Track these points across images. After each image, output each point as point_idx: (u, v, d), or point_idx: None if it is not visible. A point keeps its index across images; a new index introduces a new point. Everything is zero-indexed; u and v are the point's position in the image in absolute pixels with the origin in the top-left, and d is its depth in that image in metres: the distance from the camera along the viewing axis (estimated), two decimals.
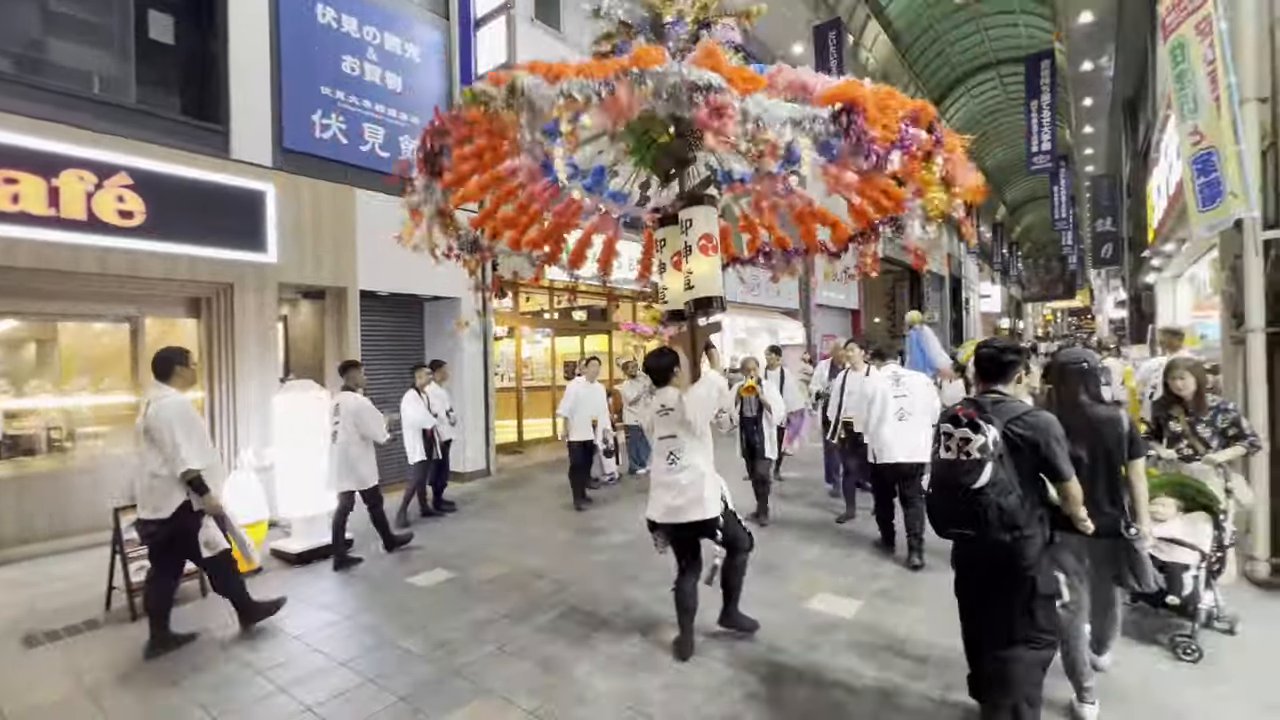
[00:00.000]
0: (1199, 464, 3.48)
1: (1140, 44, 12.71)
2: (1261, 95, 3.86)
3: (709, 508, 3.27)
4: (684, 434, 3.32)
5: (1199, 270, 9.97)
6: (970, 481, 2.24)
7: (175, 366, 3.66)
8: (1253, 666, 3.03)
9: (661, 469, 3.39)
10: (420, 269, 7.59)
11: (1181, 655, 3.05)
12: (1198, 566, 3.09)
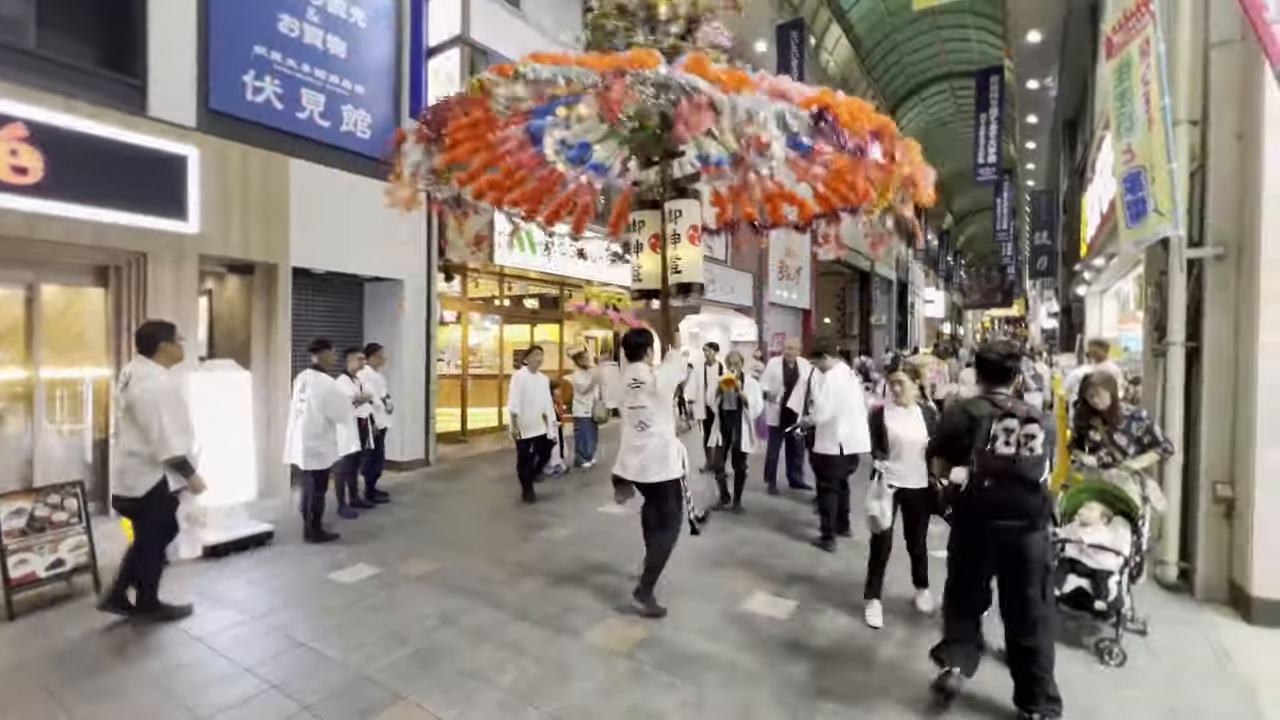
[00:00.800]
0: (1117, 470, 3.63)
1: (1082, 66, 13.29)
2: (1193, 118, 4.01)
3: (672, 469, 3.75)
4: (653, 404, 3.75)
5: (1125, 285, 10.53)
6: (1039, 475, 2.52)
7: (160, 342, 3.56)
8: (1161, 669, 3.15)
9: (631, 435, 3.81)
10: (361, 248, 7.27)
11: (1106, 659, 3.14)
12: (1120, 571, 3.19)
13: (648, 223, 4.11)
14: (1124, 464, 3.62)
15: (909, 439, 3.60)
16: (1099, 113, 10.30)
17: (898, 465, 3.62)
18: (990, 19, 20.09)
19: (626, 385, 3.82)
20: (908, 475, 3.59)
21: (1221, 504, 3.89)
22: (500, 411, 10.60)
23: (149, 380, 3.42)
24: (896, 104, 27.38)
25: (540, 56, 2.94)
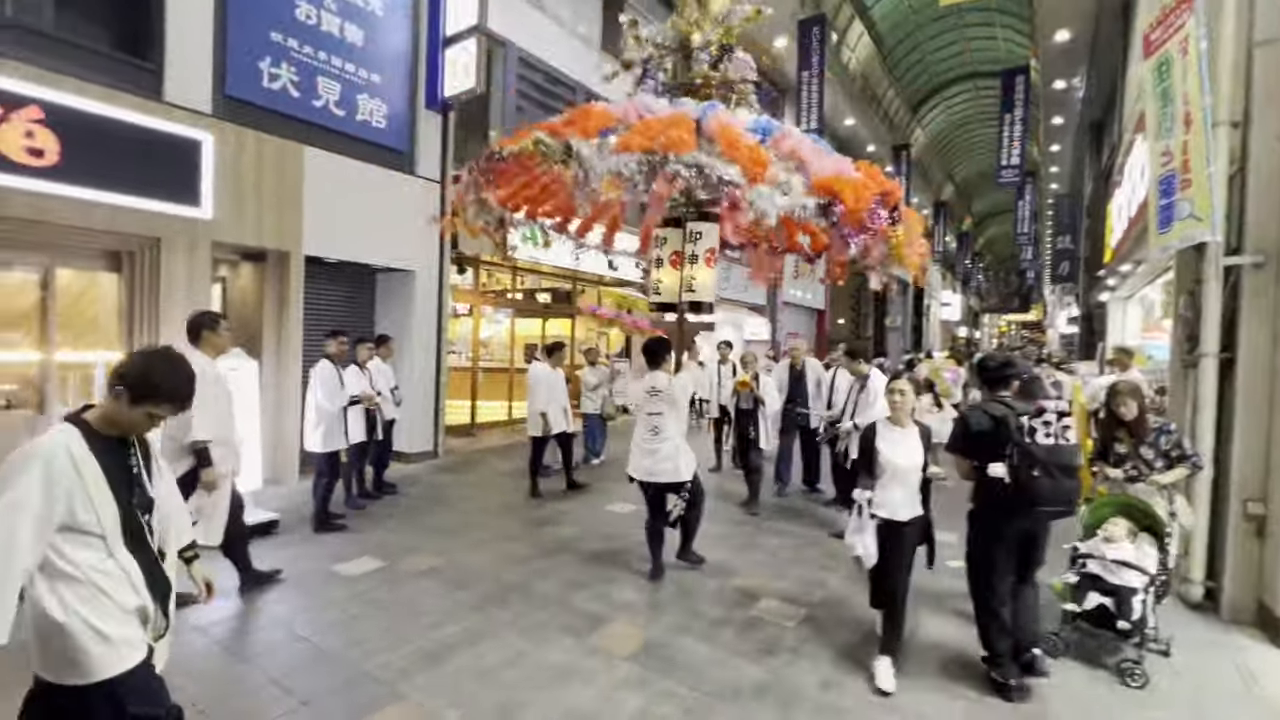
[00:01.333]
0: (1143, 485, 3.49)
1: (1111, 66, 12.96)
2: (1234, 119, 3.84)
3: (682, 472, 4.11)
4: (668, 411, 4.09)
5: (1151, 292, 10.26)
6: (1079, 461, 2.92)
7: (202, 330, 3.61)
8: (1185, 691, 3.02)
9: (645, 438, 4.14)
10: (373, 238, 7.24)
11: (1128, 681, 3.02)
12: (1145, 590, 3.07)
13: (670, 240, 4.42)
14: (1151, 478, 3.46)
15: (903, 464, 2.99)
16: (1128, 115, 10.03)
17: (887, 494, 3.01)
18: (1018, 17, 19.70)
19: (645, 392, 4.17)
20: (898, 507, 3.00)
21: (1252, 522, 3.74)
22: (511, 405, 10.57)
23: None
24: (918, 103, 26.99)
25: (589, 119, 3.37)
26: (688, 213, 4.30)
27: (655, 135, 3.17)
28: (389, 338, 6.51)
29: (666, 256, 4.39)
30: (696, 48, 4.13)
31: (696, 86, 4.11)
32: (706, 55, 4.11)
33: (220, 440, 3.55)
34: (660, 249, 4.44)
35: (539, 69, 10.08)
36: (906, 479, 3.02)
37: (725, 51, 4.12)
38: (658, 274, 4.48)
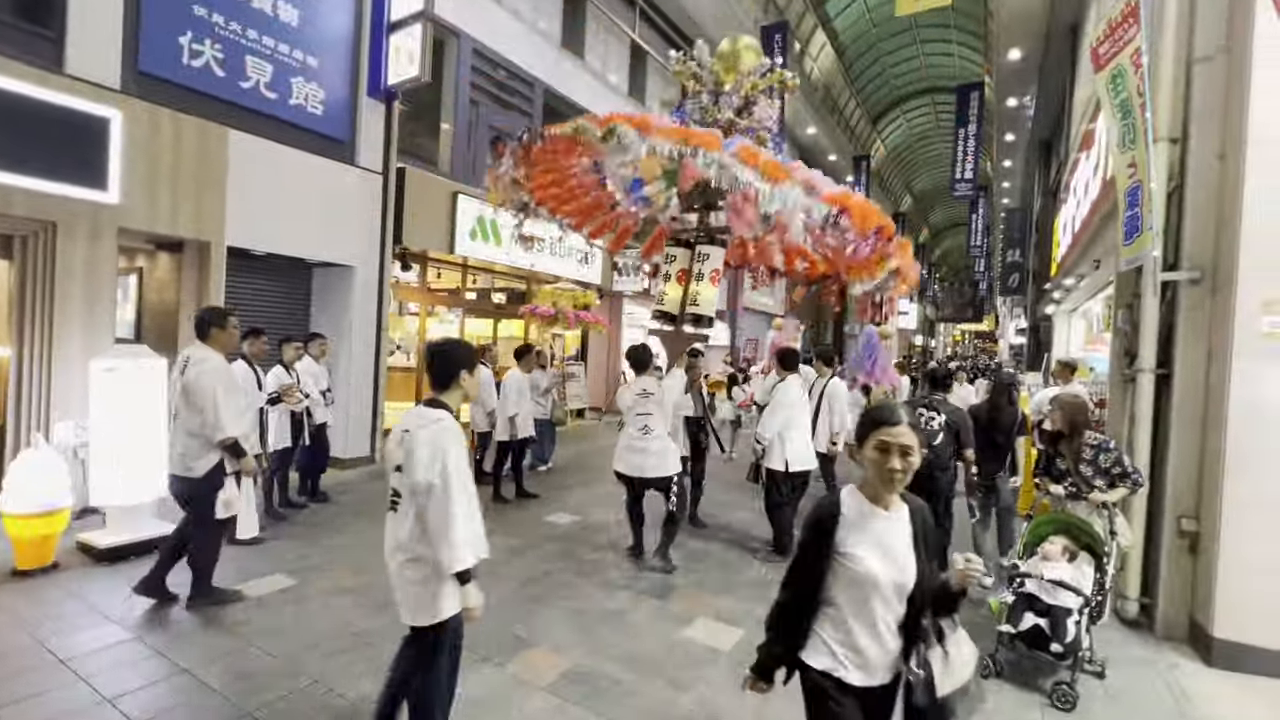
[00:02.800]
0: (1085, 503, 3.45)
1: (1060, 86, 13.36)
2: (1173, 136, 3.86)
3: (669, 467, 4.49)
4: (657, 412, 4.49)
5: (1094, 306, 10.54)
6: (935, 441, 4.27)
7: (210, 328, 3.66)
8: (1118, 713, 2.96)
9: (636, 436, 4.52)
10: (309, 230, 6.83)
11: (1057, 703, 2.94)
12: (1080, 611, 2.99)
13: (678, 258, 4.81)
14: (1093, 496, 3.41)
15: (882, 578, 1.61)
16: (1074, 134, 10.30)
17: (847, 635, 1.66)
18: (973, 35, 20.25)
19: (636, 394, 4.58)
20: (872, 663, 1.65)
21: (1186, 538, 3.74)
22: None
23: (204, 364, 3.53)
24: (878, 116, 27.53)
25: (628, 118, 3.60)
26: (698, 236, 4.79)
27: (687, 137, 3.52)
28: (321, 336, 6.14)
29: (674, 272, 4.81)
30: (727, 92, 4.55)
31: (724, 127, 4.50)
32: (734, 100, 4.52)
33: (243, 434, 3.72)
34: (669, 265, 4.87)
35: (496, 63, 9.77)
36: (887, 601, 1.64)
37: (750, 102, 4.56)
38: (663, 287, 4.90)
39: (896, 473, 1.58)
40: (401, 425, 2.23)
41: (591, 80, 11.90)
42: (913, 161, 35.31)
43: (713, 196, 4.63)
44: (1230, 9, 3.71)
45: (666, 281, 4.85)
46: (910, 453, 1.58)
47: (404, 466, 2.13)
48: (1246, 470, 3.42)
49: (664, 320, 4.88)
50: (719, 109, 4.50)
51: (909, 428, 1.59)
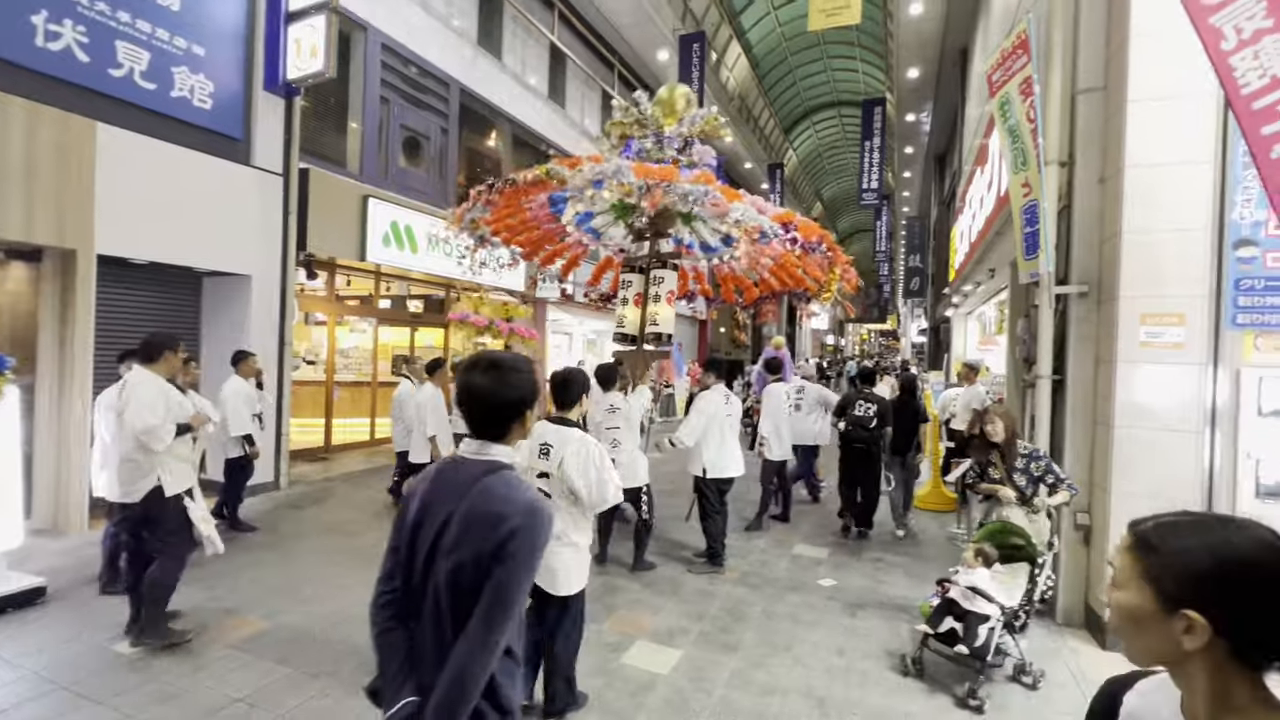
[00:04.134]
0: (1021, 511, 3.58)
1: (952, 104, 14.41)
2: (1062, 159, 4.18)
3: (640, 478, 4.72)
4: (624, 426, 4.72)
5: (987, 310, 11.40)
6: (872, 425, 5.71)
7: (163, 351, 3.55)
8: (1027, 702, 3.14)
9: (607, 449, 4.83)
10: (197, 236, 6.17)
11: (969, 701, 3.08)
12: (997, 619, 3.15)
13: (634, 283, 5.24)
14: (1037, 500, 3.55)
15: None
16: (967, 148, 11.11)
17: None
18: (875, 54, 21.48)
19: (605, 410, 4.81)
20: None
21: (1080, 531, 4.06)
22: (374, 423, 9.63)
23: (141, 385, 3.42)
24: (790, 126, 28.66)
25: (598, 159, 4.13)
26: (652, 262, 5.18)
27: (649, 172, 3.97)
28: (249, 354, 5.76)
29: (631, 297, 5.20)
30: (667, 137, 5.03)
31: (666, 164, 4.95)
32: (676, 141, 5.03)
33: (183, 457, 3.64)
34: (627, 290, 5.27)
35: (408, 60, 9.31)
36: None
37: (688, 144, 5.06)
38: (622, 311, 5.31)
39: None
40: (540, 439, 2.82)
41: (510, 82, 11.61)
42: (822, 170, 37.05)
43: (663, 225, 5.19)
44: (1107, 47, 4.07)
45: (624, 305, 5.30)
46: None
47: (556, 474, 2.72)
48: (1132, 467, 3.74)
49: (625, 342, 5.35)
50: (662, 150, 5.00)
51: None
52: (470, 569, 1.32)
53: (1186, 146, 3.66)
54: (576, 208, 4.88)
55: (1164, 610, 0.82)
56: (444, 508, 1.40)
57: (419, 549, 1.43)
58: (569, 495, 2.71)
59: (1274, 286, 3.49)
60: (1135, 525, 0.89)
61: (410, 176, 9.55)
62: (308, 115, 7.72)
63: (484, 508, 1.35)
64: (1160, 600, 0.82)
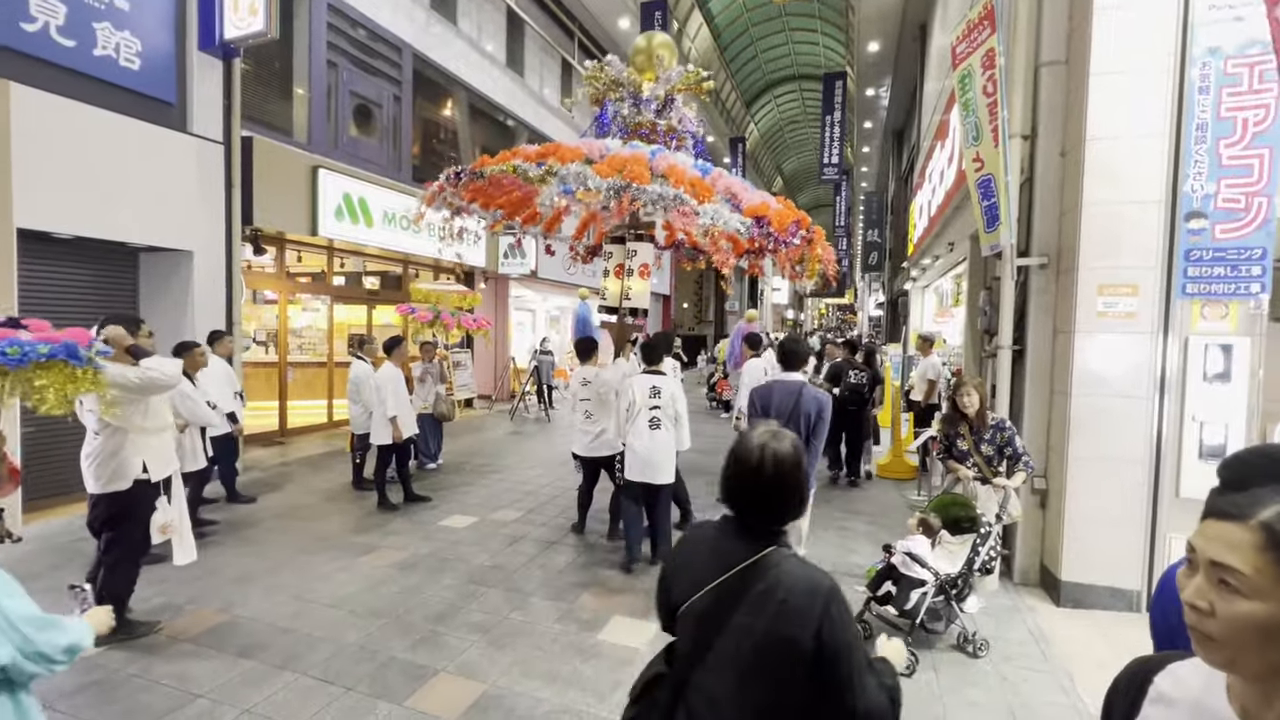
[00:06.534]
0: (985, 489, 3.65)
1: (911, 79, 14.53)
2: (1024, 133, 4.24)
3: (616, 446, 4.73)
4: (595, 399, 4.86)
5: (944, 283, 11.68)
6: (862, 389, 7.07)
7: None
8: (994, 662, 3.27)
9: (580, 421, 4.98)
10: (129, 208, 5.75)
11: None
12: (931, 584, 3.24)
13: (615, 254, 5.23)
14: (997, 481, 3.61)
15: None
16: (926, 125, 11.25)
17: None
18: (836, 27, 21.44)
19: (579, 382, 4.99)
20: None
21: (1037, 495, 4.22)
22: (331, 405, 9.31)
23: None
24: (752, 99, 28.52)
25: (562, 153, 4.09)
26: (629, 233, 5.15)
27: (620, 167, 3.89)
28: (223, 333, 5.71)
29: (612, 268, 5.23)
30: (644, 99, 4.95)
31: (644, 133, 4.94)
32: (654, 104, 4.94)
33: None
34: (608, 261, 5.31)
35: (356, 21, 8.81)
36: None
37: (668, 103, 4.99)
38: (604, 283, 5.36)
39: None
40: (649, 383, 4.34)
41: (466, 48, 11.15)
42: (783, 144, 37.11)
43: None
44: (1070, 20, 4.11)
45: (606, 277, 5.34)
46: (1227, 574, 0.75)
47: (663, 405, 4.29)
48: (1086, 432, 3.89)
49: (607, 313, 5.48)
50: (640, 112, 4.95)
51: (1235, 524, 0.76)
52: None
53: (1144, 120, 3.74)
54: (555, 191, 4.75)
55: None
56: None
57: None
58: (672, 418, 4.31)
59: (1220, 257, 3.63)
60: (1254, 517, 0.72)
61: (362, 146, 9.12)
62: (250, 80, 7.25)
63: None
64: None
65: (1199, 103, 3.57)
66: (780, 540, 1.34)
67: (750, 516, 1.36)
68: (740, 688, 1.25)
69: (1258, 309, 3.64)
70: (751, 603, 1.26)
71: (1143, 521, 3.82)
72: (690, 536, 1.48)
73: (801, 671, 1.21)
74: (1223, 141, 3.54)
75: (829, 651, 1.20)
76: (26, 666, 1.39)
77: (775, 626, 1.23)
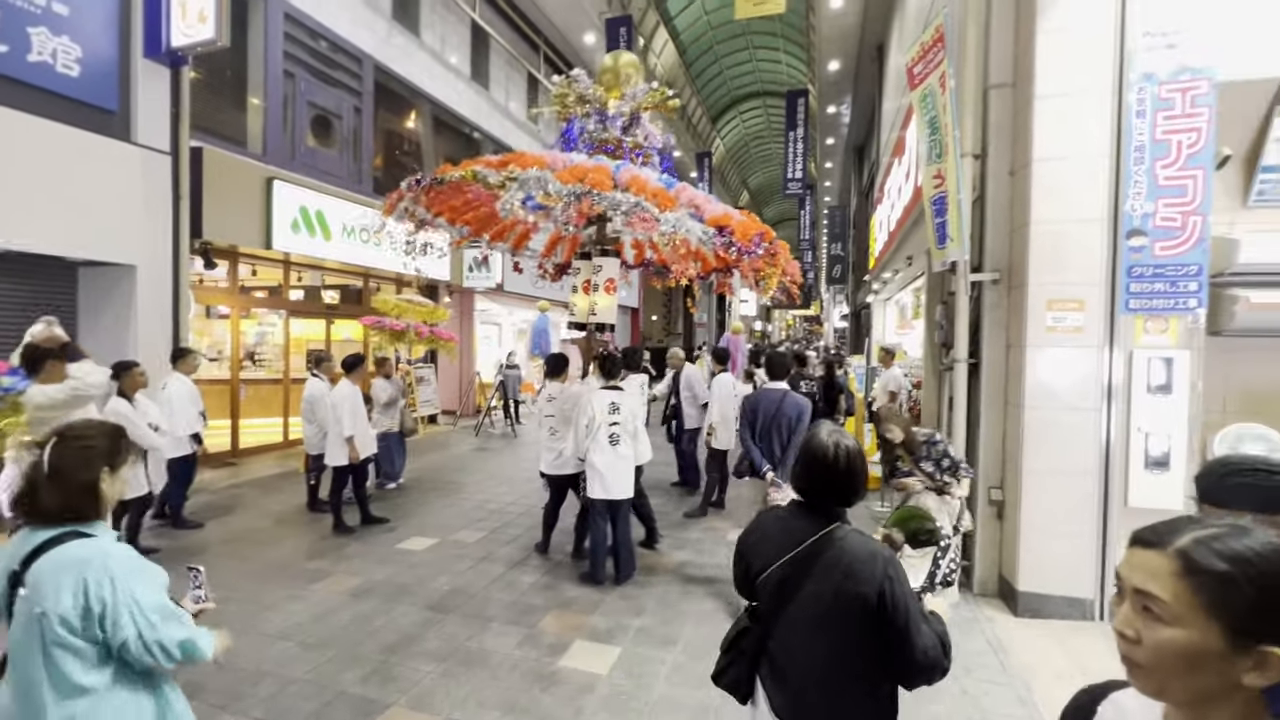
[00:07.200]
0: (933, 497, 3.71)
1: (870, 97, 14.93)
2: (975, 152, 4.36)
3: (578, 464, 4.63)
4: (559, 416, 4.83)
5: (904, 296, 11.95)
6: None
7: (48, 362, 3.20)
8: (955, 675, 3.29)
9: (545, 438, 4.95)
10: (66, 220, 5.45)
11: None
12: None
13: (583, 270, 5.23)
14: (954, 492, 3.67)
15: None
16: (885, 141, 11.55)
17: None
18: (798, 45, 21.95)
19: (545, 399, 5.02)
20: None
21: (994, 506, 4.29)
22: (287, 424, 8.99)
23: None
24: (718, 115, 28.94)
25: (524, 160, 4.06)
26: (596, 249, 5.21)
27: (582, 175, 3.88)
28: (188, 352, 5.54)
29: (580, 284, 5.25)
30: (610, 115, 5.00)
31: (610, 149, 4.97)
32: (619, 120, 5.01)
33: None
34: (575, 277, 5.33)
35: (315, 31, 8.64)
36: None
37: (634, 120, 5.06)
38: (573, 299, 5.34)
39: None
40: (609, 398, 4.36)
41: (429, 60, 11.04)
42: (749, 159, 37.72)
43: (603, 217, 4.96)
44: (1015, 44, 4.25)
45: (574, 293, 5.34)
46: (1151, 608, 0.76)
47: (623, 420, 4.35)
48: (1039, 444, 3.98)
49: (575, 329, 5.51)
50: (606, 129, 4.99)
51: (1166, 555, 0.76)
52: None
53: (1086, 141, 3.88)
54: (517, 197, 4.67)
55: (1233, 647, 0.70)
56: None
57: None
58: (631, 433, 4.35)
59: (1160, 273, 3.77)
60: (1172, 545, 0.74)
61: (321, 158, 8.92)
62: (201, 88, 7.04)
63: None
64: (1230, 637, 0.70)
65: (1136, 126, 3.71)
66: (843, 518, 1.63)
67: (821, 500, 1.64)
68: (814, 637, 1.54)
69: (1195, 323, 3.79)
70: (823, 568, 1.53)
71: (1094, 531, 3.91)
72: (761, 520, 1.76)
73: (868, 622, 1.47)
74: (1159, 163, 3.69)
75: (890, 604, 1.45)
76: (143, 655, 1.45)
77: (844, 587, 1.49)
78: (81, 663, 1.41)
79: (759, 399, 4.29)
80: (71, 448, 1.51)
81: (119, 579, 1.43)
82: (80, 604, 1.40)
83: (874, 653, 1.49)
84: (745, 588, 1.72)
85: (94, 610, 1.40)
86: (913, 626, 1.45)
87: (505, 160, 4.15)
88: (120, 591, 1.42)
